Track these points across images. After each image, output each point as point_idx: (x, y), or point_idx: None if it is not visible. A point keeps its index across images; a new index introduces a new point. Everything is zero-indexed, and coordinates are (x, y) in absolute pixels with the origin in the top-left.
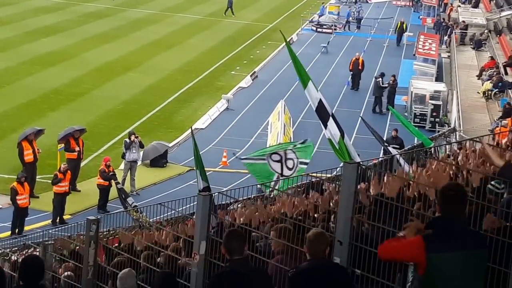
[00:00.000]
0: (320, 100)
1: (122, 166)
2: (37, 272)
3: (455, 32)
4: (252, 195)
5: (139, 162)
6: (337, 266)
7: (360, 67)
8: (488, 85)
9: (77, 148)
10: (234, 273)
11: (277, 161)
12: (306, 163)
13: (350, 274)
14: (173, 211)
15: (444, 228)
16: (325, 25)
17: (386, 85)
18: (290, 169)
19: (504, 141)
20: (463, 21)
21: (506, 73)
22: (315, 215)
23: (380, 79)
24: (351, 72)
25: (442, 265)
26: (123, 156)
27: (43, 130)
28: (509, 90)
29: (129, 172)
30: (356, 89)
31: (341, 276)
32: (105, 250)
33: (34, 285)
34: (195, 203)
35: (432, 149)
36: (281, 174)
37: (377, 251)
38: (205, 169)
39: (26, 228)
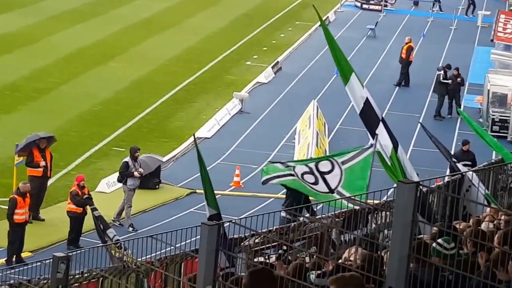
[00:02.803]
0: (367, 99)
1: (106, 189)
2: None
3: None
4: (274, 227)
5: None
6: None
7: (403, 55)
8: None
9: (42, 163)
10: None
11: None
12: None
13: None
14: (170, 247)
15: None
16: None
17: (449, 81)
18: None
19: None
20: None
21: None
22: None
23: (442, 72)
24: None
25: None
26: (123, 181)
27: None
28: None
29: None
30: (406, 85)
31: None
32: None
33: None
34: (198, 236)
35: None
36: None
37: None
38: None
39: None
